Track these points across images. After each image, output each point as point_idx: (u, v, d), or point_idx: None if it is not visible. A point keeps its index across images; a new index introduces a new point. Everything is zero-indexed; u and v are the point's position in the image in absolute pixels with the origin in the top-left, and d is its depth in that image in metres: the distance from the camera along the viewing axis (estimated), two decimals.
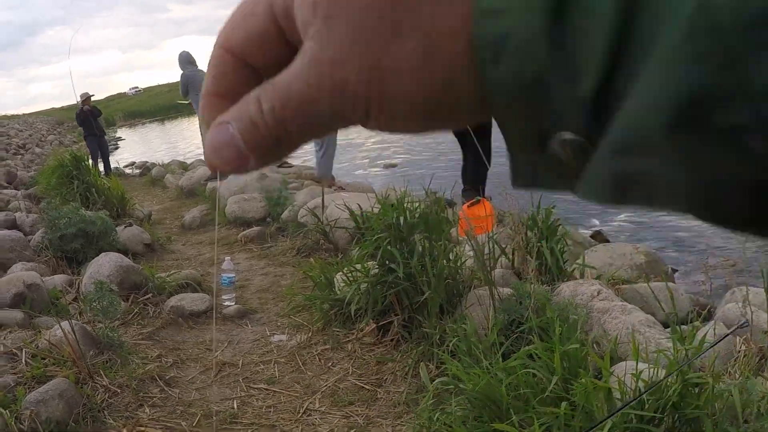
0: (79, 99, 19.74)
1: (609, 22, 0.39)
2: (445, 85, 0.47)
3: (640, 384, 3.34)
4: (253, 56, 0.54)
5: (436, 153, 18.96)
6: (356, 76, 0.46)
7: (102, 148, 20.52)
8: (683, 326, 3.97)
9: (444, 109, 0.49)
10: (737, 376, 4.05)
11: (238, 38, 0.53)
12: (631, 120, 0.40)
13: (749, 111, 0.35)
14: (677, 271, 8.29)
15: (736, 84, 0.35)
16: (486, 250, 5.79)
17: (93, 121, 19.99)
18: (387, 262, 5.80)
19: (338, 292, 6.45)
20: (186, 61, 15.02)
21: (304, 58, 0.48)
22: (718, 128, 0.36)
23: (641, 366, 3.52)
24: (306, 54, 0.48)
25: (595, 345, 4.71)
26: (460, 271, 5.93)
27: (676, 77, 0.37)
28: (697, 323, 4.02)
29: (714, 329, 4.32)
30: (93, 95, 20.65)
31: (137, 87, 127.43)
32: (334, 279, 6.70)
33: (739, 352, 4.43)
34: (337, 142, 12.72)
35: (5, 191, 16.76)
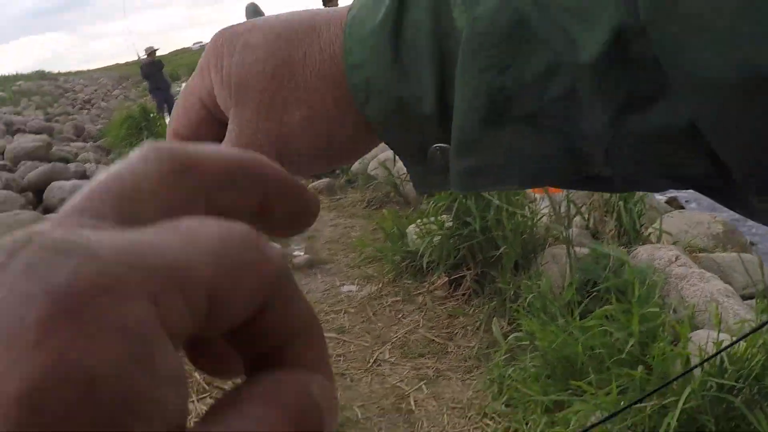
0: (142, 54, 20.01)
1: (431, 56, 0.55)
2: (331, 135, 0.62)
3: (723, 353, 3.29)
4: (197, 138, 0.65)
5: None
6: (266, 142, 0.61)
7: (168, 102, 20.70)
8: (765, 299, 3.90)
9: (337, 150, 0.64)
10: None
11: (183, 126, 0.67)
12: (458, 123, 0.54)
13: (533, 99, 0.50)
14: (754, 244, 8.17)
15: (519, 81, 0.50)
16: (563, 208, 5.75)
17: (158, 75, 20.19)
18: (462, 216, 5.77)
19: (410, 245, 6.44)
20: (253, 13, 15.00)
21: (230, 135, 0.62)
22: (518, 118, 0.51)
23: (722, 335, 3.46)
24: (230, 132, 0.62)
25: (672, 311, 4.66)
26: (536, 227, 5.89)
27: (480, 82, 0.51)
28: None
29: None
30: (157, 49, 20.83)
31: (201, 41, 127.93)
32: (407, 231, 6.69)
33: None
34: None
35: (74, 144, 16.96)
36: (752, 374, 3.16)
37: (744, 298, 4.99)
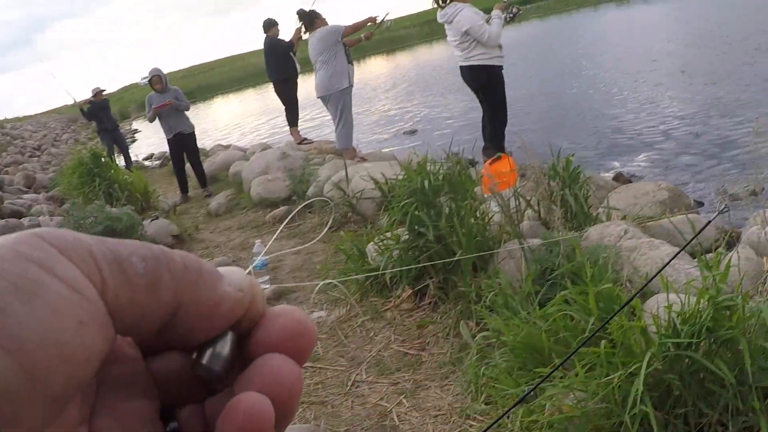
0: (87, 96, 19.87)
1: None
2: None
3: (673, 315, 3.44)
4: None
5: (455, 114, 18.98)
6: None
7: (118, 141, 20.53)
8: (709, 254, 4.06)
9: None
10: (766, 294, 4.16)
11: None
12: None
13: None
14: (701, 203, 8.35)
15: None
16: (512, 205, 5.89)
17: (104, 115, 20.01)
18: (416, 227, 5.90)
19: (371, 262, 6.54)
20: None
21: None
22: None
23: (673, 298, 3.62)
24: None
25: (627, 283, 4.82)
26: (488, 227, 6.02)
27: None
28: (721, 250, 4.11)
29: (738, 253, 4.41)
30: (104, 90, 20.64)
31: (147, 76, 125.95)
32: (366, 249, 6.80)
33: (767, 271, 4.53)
34: (354, 114, 12.77)
35: (26, 196, 16.85)
36: (704, 328, 3.32)
37: (694, 257, 5.16)
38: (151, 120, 13.34)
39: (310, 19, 12.37)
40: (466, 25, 9.71)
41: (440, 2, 10.11)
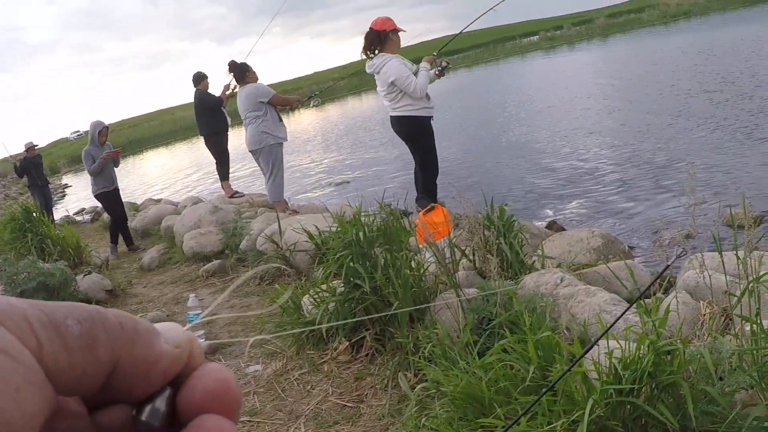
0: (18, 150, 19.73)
1: None
2: None
3: (614, 361, 3.44)
4: None
5: (386, 165, 19.05)
6: None
7: (46, 198, 20.34)
8: (647, 299, 4.07)
9: None
10: (706, 337, 4.18)
11: None
12: None
13: None
14: (634, 248, 8.42)
15: None
16: (447, 254, 5.88)
17: (36, 170, 19.87)
18: (352, 279, 5.86)
19: (307, 315, 6.50)
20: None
21: None
22: None
23: (612, 344, 3.62)
24: None
25: (566, 330, 4.81)
26: (424, 278, 6.00)
27: None
28: (659, 295, 4.13)
29: (676, 298, 4.44)
30: (36, 145, 20.48)
31: (78, 131, 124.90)
32: (301, 302, 6.75)
33: (704, 315, 4.55)
34: (285, 167, 12.75)
35: None
36: (645, 373, 3.32)
37: (630, 302, 5.18)
38: (97, 171, 13.15)
39: (241, 73, 12.35)
40: (392, 77, 9.73)
41: (368, 53, 10.12)
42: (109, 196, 13.54)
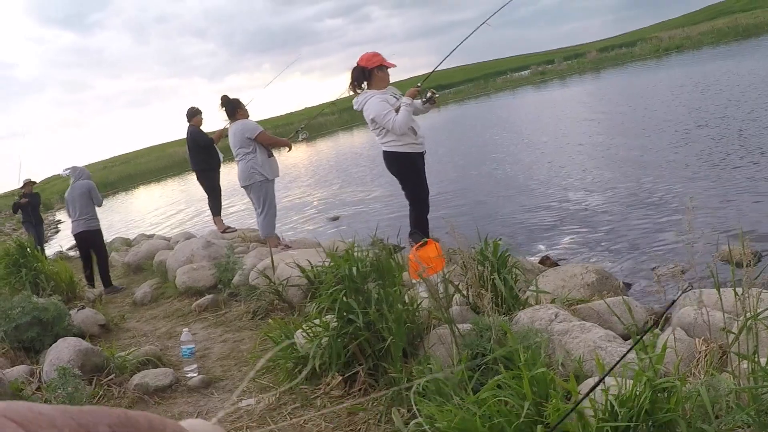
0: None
1: None
2: None
3: (610, 398, 3.41)
4: None
5: (378, 199, 19.06)
6: None
7: (39, 236, 20.34)
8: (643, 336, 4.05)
9: None
10: (702, 375, 4.15)
11: None
12: None
13: None
14: (629, 284, 8.40)
15: None
16: (440, 290, 5.86)
17: (29, 208, 19.90)
18: (345, 314, 5.83)
19: (300, 350, 6.46)
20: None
21: None
22: None
23: (608, 380, 3.59)
24: None
25: (561, 367, 4.79)
26: (417, 313, 5.98)
27: None
28: (656, 331, 4.11)
29: (673, 334, 4.42)
30: (35, 182, 20.48)
31: (69, 167, 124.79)
32: (295, 337, 6.72)
33: (701, 352, 4.53)
34: (278, 202, 12.74)
35: None
36: (642, 411, 3.29)
37: (626, 338, 5.16)
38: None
39: (232, 109, 12.35)
40: (371, 114, 9.70)
41: (355, 89, 10.10)
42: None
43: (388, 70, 9.99)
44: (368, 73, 9.91)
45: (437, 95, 9.95)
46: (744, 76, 28.37)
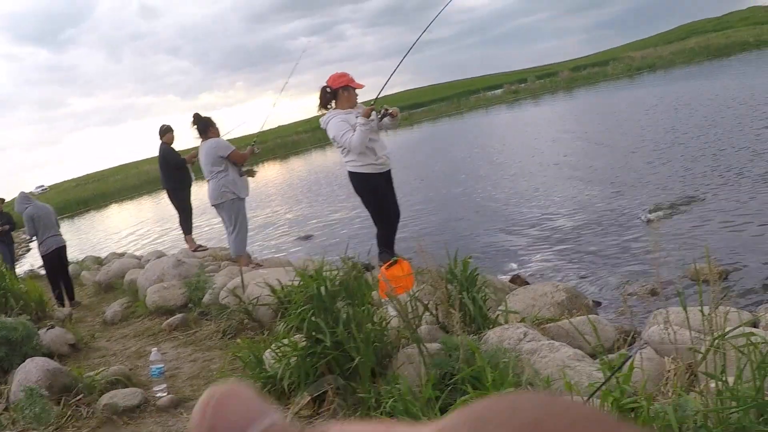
0: None
1: None
2: None
3: None
4: None
5: (349, 218, 19.03)
6: None
7: (12, 254, 20.21)
8: (610, 355, 4.04)
9: None
10: (670, 395, 4.14)
11: None
12: None
13: None
14: (599, 303, 8.41)
15: None
16: (409, 309, 5.84)
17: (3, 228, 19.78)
18: (313, 333, 5.81)
19: (269, 369, 6.43)
20: (24, 199, 14.76)
21: None
22: None
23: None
24: None
25: (529, 386, 4.77)
26: (386, 332, 5.96)
27: None
28: (623, 352, 4.10)
29: (641, 354, 4.41)
30: (3, 200, 20.32)
31: (42, 185, 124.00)
32: (263, 357, 6.68)
33: (669, 371, 4.52)
34: (249, 220, 12.70)
35: None
36: None
37: (594, 357, 5.15)
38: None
39: (204, 127, 12.29)
40: (331, 134, 9.75)
41: (324, 109, 10.12)
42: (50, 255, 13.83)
43: (357, 90, 10.00)
44: (334, 93, 9.93)
45: (390, 110, 9.94)
46: (716, 96, 28.53)
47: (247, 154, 12.41)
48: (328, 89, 9.96)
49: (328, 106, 10.06)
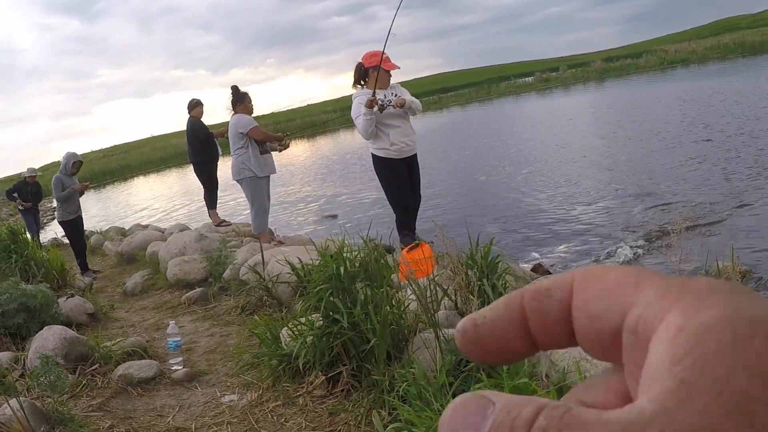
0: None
1: None
2: None
3: None
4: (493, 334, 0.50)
5: (376, 201, 18.99)
6: None
7: (37, 223, 20.36)
8: None
9: None
10: None
11: (492, 320, 0.50)
12: None
13: None
14: None
15: None
16: (428, 293, 5.82)
17: (30, 197, 19.85)
18: (331, 313, 5.80)
19: (285, 347, 6.42)
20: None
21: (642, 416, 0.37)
22: None
23: None
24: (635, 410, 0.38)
25: (545, 378, 4.74)
26: (404, 315, 5.94)
27: None
28: None
29: None
30: (39, 173, 20.41)
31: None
32: (280, 334, 6.68)
33: None
34: (274, 198, 12.69)
35: None
36: None
37: None
38: (64, 198, 13.33)
39: (237, 99, 12.28)
40: (352, 114, 9.87)
41: (357, 84, 10.15)
42: (73, 223, 13.79)
43: (391, 72, 9.99)
44: (364, 72, 9.95)
45: (386, 100, 9.93)
46: (749, 94, 28.27)
47: (271, 135, 12.38)
48: (362, 67, 9.97)
49: (361, 83, 10.06)
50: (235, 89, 12.49)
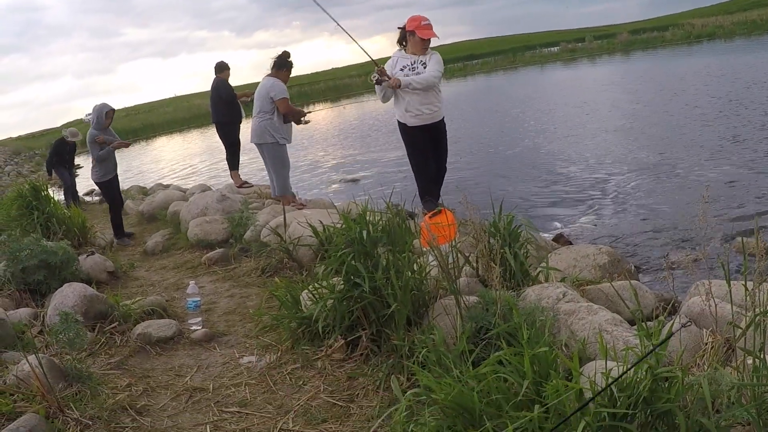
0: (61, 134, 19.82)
1: None
2: None
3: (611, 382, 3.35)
4: None
5: (399, 167, 18.93)
6: None
7: (73, 181, 20.41)
8: (649, 322, 3.99)
9: None
10: (706, 367, 4.09)
11: None
12: None
13: None
14: (641, 269, 8.32)
15: None
16: (450, 259, 5.80)
17: (68, 157, 19.94)
18: (352, 277, 5.79)
19: (305, 310, 6.42)
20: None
21: None
22: None
23: (611, 364, 3.53)
24: None
25: (564, 347, 4.73)
26: (425, 281, 5.93)
27: None
28: (661, 318, 4.04)
29: (679, 323, 4.35)
30: (79, 137, 20.40)
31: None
32: (300, 297, 6.68)
33: (707, 344, 4.46)
34: (297, 161, 12.64)
35: None
36: (641, 398, 3.23)
37: (632, 323, 5.10)
38: (104, 158, 12.91)
39: (279, 64, 12.11)
40: None
41: (399, 44, 10.20)
42: (111, 183, 13.31)
43: (431, 39, 10.01)
44: (405, 35, 10.01)
45: (375, 74, 9.98)
46: None
47: (295, 110, 12.30)
48: (404, 29, 10.04)
49: (403, 43, 10.13)
50: (285, 54, 12.36)
